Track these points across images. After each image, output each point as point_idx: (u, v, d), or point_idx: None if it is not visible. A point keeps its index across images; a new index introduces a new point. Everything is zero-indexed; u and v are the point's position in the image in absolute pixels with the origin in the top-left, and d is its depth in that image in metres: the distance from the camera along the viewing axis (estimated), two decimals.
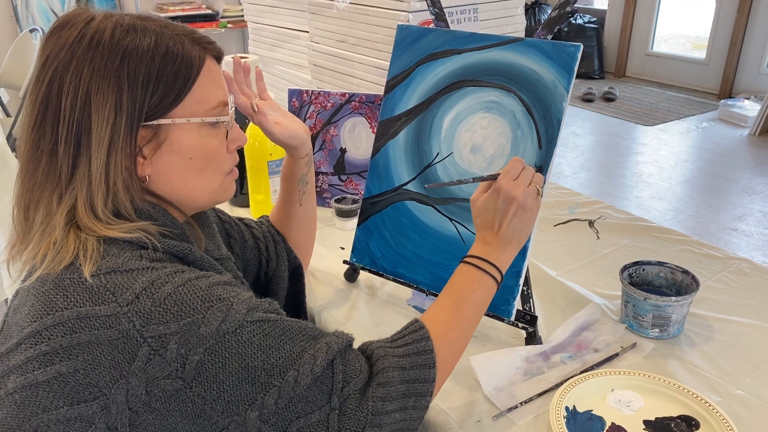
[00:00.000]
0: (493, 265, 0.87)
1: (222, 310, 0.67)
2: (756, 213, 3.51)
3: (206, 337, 0.65)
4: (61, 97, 0.70)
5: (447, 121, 1.10)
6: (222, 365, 0.66)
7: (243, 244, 1.06)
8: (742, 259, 1.30)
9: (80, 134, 0.70)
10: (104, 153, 0.70)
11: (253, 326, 0.69)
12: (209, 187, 0.81)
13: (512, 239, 0.89)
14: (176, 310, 0.66)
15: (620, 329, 1.07)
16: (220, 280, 0.71)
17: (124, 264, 0.68)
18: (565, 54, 0.98)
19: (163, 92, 0.73)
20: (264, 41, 2.49)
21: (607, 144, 4.67)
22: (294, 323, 0.73)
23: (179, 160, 0.76)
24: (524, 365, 0.99)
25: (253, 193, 1.46)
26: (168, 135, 0.75)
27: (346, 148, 1.51)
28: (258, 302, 0.72)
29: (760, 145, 4.51)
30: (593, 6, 6.75)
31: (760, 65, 5.31)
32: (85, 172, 0.70)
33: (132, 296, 0.65)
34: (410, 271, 1.12)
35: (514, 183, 0.89)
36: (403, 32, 1.16)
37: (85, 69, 0.70)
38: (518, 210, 0.88)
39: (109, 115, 0.70)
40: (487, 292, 0.87)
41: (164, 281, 0.67)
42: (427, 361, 0.77)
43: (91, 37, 0.71)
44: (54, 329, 0.65)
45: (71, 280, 0.67)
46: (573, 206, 1.55)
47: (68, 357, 0.64)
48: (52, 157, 0.71)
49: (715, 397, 0.92)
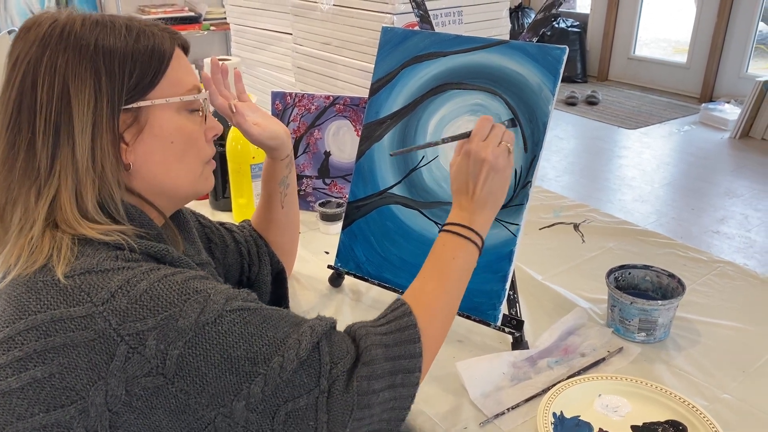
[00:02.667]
0: (472, 230, 0.86)
1: (199, 302, 0.66)
2: (737, 216, 3.54)
3: (185, 330, 0.64)
4: (36, 89, 0.69)
5: (432, 124, 1.08)
6: (203, 357, 0.64)
7: (224, 249, 1.04)
8: (726, 262, 1.31)
9: (59, 123, 0.69)
10: (89, 138, 0.69)
11: (232, 315, 0.67)
12: (191, 175, 0.81)
13: (487, 201, 0.88)
14: (153, 305, 0.64)
15: (607, 333, 1.06)
16: (196, 275, 0.70)
17: (98, 264, 0.66)
18: (551, 57, 0.97)
19: (140, 74, 0.73)
20: (247, 43, 2.47)
21: (590, 147, 4.70)
22: (275, 311, 0.71)
23: (161, 145, 0.76)
24: (511, 370, 0.98)
25: (236, 196, 1.44)
26: (148, 118, 0.74)
27: (330, 152, 1.50)
28: (236, 292, 0.70)
29: (741, 149, 4.57)
30: (576, 10, 6.80)
31: (740, 69, 5.38)
32: (69, 160, 0.69)
33: (107, 295, 0.64)
34: (396, 276, 1.11)
35: (483, 144, 0.87)
36: (387, 34, 1.15)
37: (60, 58, 0.69)
38: (490, 171, 0.87)
39: (90, 99, 0.69)
40: (469, 257, 0.86)
41: (140, 278, 0.66)
42: (411, 336, 0.76)
43: (62, 29, 0.70)
44: (27, 334, 0.63)
45: (44, 283, 0.65)
46: (558, 209, 1.55)
47: (43, 362, 0.62)
48: (29, 152, 0.69)
49: (702, 402, 0.92)
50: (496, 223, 1.01)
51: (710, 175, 4.09)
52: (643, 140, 4.75)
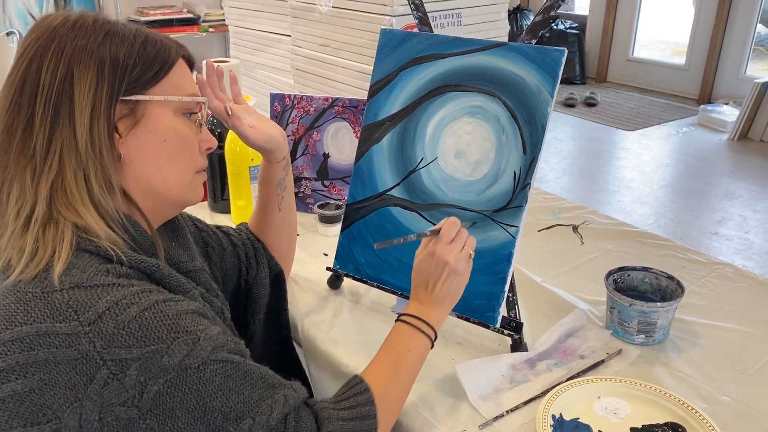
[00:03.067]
0: (428, 324, 0.89)
1: (188, 344, 0.66)
2: (736, 217, 3.54)
3: (168, 368, 0.64)
4: (41, 72, 0.70)
5: (431, 126, 1.08)
6: (180, 400, 0.65)
7: (221, 253, 1.04)
8: (725, 264, 1.31)
9: (59, 104, 0.70)
10: (87, 119, 0.70)
11: (216, 365, 0.68)
12: (181, 178, 0.81)
13: (444, 300, 0.91)
14: (140, 335, 0.64)
15: (606, 335, 1.06)
16: (188, 309, 0.70)
17: (88, 279, 0.66)
18: (550, 58, 0.97)
19: (143, 69, 0.75)
20: (246, 45, 2.47)
21: (589, 149, 4.70)
22: (256, 368, 0.72)
23: (154, 142, 0.77)
24: (510, 373, 0.98)
25: (234, 198, 1.44)
26: (145, 113, 0.76)
27: (329, 153, 1.50)
28: (224, 341, 0.71)
29: (739, 150, 4.57)
30: (574, 12, 6.80)
31: (739, 71, 5.38)
32: (70, 141, 0.70)
33: (95, 316, 0.63)
34: (395, 278, 1.11)
35: (448, 248, 0.90)
36: (386, 36, 1.15)
37: (68, 45, 0.71)
38: (450, 274, 0.90)
39: (91, 83, 0.71)
40: (422, 351, 0.88)
41: (129, 302, 0.65)
42: (370, 426, 0.78)
43: (74, 22, 0.73)
44: (12, 345, 0.63)
45: (33, 295, 0.65)
46: (557, 211, 1.55)
47: (24, 375, 0.62)
48: (26, 131, 0.70)
49: (702, 404, 0.92)
50: (495, 225, 1.01)
51: (709, 177, 4.10)
52: (642, 142, 4.75)
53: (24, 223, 0.69)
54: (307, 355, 1.12)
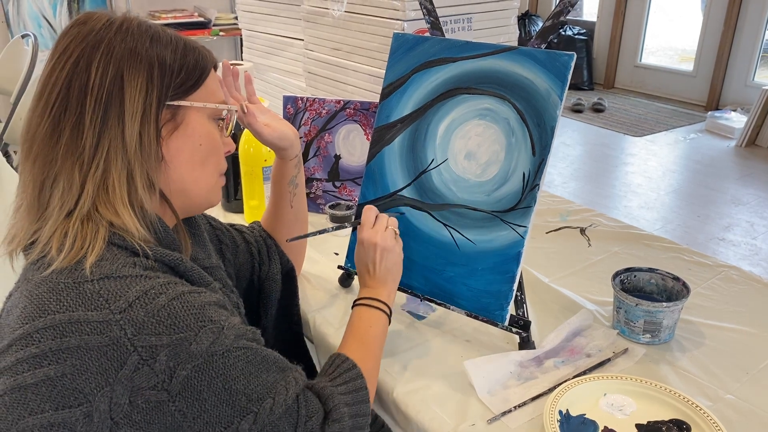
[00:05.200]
0: (380, 301, 0.98)
1: (214, 332, 0.69)
2: (743, 223, 3.55)
3: (196, 354, 0.67)
4: (90, 71, 0.72)
5: (442, 128, 1.11)
6: (207, 384, 0.68)
7: (235, 250, 1.07)
8: (731, 267, 1.32)
9: (109, 105, 0.72)
10: (138, 123, 0.73)
11: (239, 352, 0.72)
12: (208, 182, 0.85)
13: (387, 277, 1.01)
14: (170, 323, 0.67)
15: (612, 335, 1.08)
16: (211, 300, 0.73)
17: (117, 270, 0.69)
18: (559, 63, 1.00)
19: (185, 76, 0.78)
20: (258, 49, 2.50)
21: (597, 154, 4.71)
22: (270, 353, 0.76)
23: (190, 145, 0.80)
24: (518, 370, 1.00)
25: (248, 198, 1.46)
26: (185, 118, 0.79)
27: (340, 155, 1.52)
28: (244, 330, 0.75)
29: (747, 157, 4.57)
30: (582, 18, 6.82)
31: (747, 77, 5.38)
32: (119, 142, 0.72)
33: (125, 304, 0.66)
34: (405, 277, 1.13)
35: (373, 231, 1.01)
36: (399, 40, 1.17)
37: (117, 47, 0.73)
38: (383, 252, 1.00)
39: (142, 87, 0.74)
40: (382, 325, 0.98)
41: (158, 292, 0.68)
42: (365, 396, 0.86)
43: (120, 24, 0.75)
44: (45, 332, 0.65)
45: (65, 285, 0.68)
46: (565, 214, 1.57)
47: (57, 361, 0.65)
48: (75, 129, 0.72)
49: (706, 402, 0.94)
50: (504, 225, 1.03)
51: (716, 183, 4.10)
52: (650, 148, 4.76)
53: (66, 216, 0.72)
54: (319, 350, 1.14)
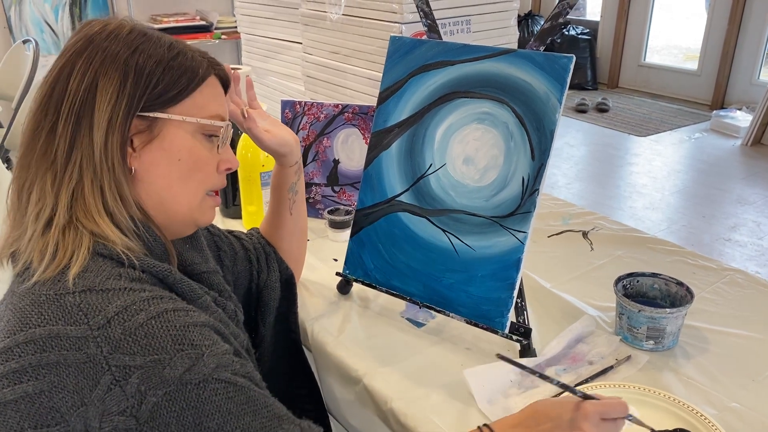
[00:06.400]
0: None
1: (191, 358, 0.64)
2: (749, 223, 3.52)
3: (168, 381, 0.63)
4: (70, 78, 0.72)
5: (440, 133, 1.09)
6: (177, 415, 0.63)
7: (233, 257, 1.05)
8: (736, 270, 1.30)
9: (81, 114, 0.71)
10: (103, 133, 0.71)
11: (217, 384, 0.65)
12: (190, 198, 0.80)
13: None
14: (145, 343, 0.63)
15: (615, 341, 1.06)
16: (197, 321, 0.68)
17: (101, 283, 0.66)
18: (558, 65, 0.98)
19: (165, 87, 0.75)
20: (257, 52, 2.49)
21: (601, 154, 4.69)
22: (262, 396, 0.68)
23: (167, 159, 0.77)
24: (518, 378, 0.98)
25: (246, 204, 1.45)
26: (162, 131, 0.76)
27: (339, 159, 1.51)
28: (230, 360, 0.68)
29: (753, 156, 4.54)
30: (586, 17, 6.79)
31: (752, 76, 5.35)
32: (88, 152, 0.71)
33: (104, 320, 0.64)
34: (404, 283, 1.11)
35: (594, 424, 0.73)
36: (396, 43, 1.16)
37: (98, 55, 0.72)
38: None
39: (112, 96, 0.72)
40: None
41: (138, 308, 0.65)
42: None
43: (111, 31, 0.74)
44: (25, 347, 0.64)
45: (47, 297, 0.66)
46: (567, 217, 1.55)
47: (36, 377, 0.63)
48: (49, 135, 0.72)
49: (711, 410, 0.92)
50: (503, 231, 1.01)
51: (722, 183, 4.07)
52: (654, 147, 4.73)
53: (44, 226, 0.71)
54: (317, 359, 1.13)
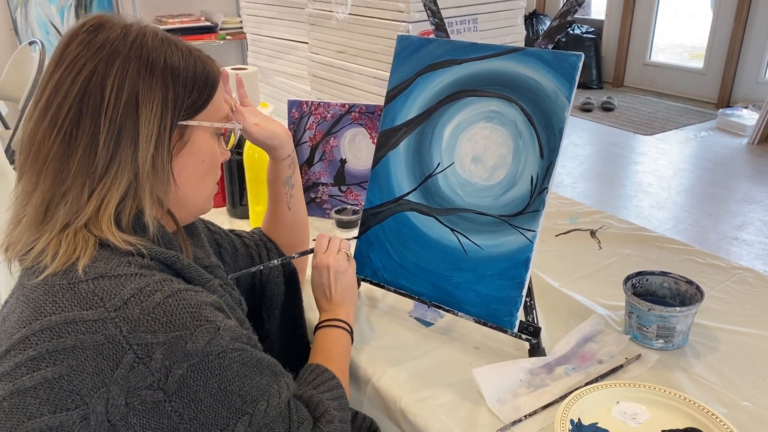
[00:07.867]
0: (340, 320, 1.02)
1: (210, 332, 0.69)
2: (756, 222, 3.50)
3: (192, 354, 0.67)
4: (105, 90, 0.71)
5: (448, 131, 1.09)
6: (203, 384, 0.67)
7: (234, 254, 1.07)
8: (745, 269, 1.29)
9: (123, 127, 0.72)
10: (152, 146, 0.73)
11: (234, 354, 0.71)
12: (206, 192, 0.86)
13: (343, 299, 1.05)
14: (165, 321, 0.66)
15: (624, 340, 1.06)
16: (207, 300, 0.72)
17: (112, 269, 0.68)
18: (567, 63, 0.98)
19: (196, 95, 0.78)
20: (263, 52, 2.49)
21: (606, 153, 4.67)
22: (263, 357, 0.76)
23: (194, 162, 0.80)
24: (528, 377, 0.98)
25: (253, 204, 1.45)
26: (191, 137, 0.79)
27: (346, 159, 1.51)
28: (240, 332, 0.74)
29: (759, 154, 4.51)
30: (591, 16, 6.77)
31: (758, 74, 5.32)
32: (128, 164, 0.72)
33: (120, 302, 0.66)
34: (412, 283, 1.11)
35: (325, 255, 1.06)
36: (403, 42, 1.16)
37: (131, 66, 0.72)
38: (335, 275, 1.04)
39: (157, 109, 0.73)
40: (346, 342, 1.01)
41: (153, 289, 0.68)
42: (346, 404, 0.88)
43: (133, 39, 0.74)
44: (41, 334, 0.65)
45: (60, 286, 0.67)
46: (574, 216, 1.54)
47: (54, 362, 0.64)
48: (88, 149, 0.71)
49: (722, 409, 0.91)
50: (512, 230, 1.01)
51: (728, 181, 4.05)
52: (660, 146, 4.72)
53: (61, 229, 0.71)
54: None
